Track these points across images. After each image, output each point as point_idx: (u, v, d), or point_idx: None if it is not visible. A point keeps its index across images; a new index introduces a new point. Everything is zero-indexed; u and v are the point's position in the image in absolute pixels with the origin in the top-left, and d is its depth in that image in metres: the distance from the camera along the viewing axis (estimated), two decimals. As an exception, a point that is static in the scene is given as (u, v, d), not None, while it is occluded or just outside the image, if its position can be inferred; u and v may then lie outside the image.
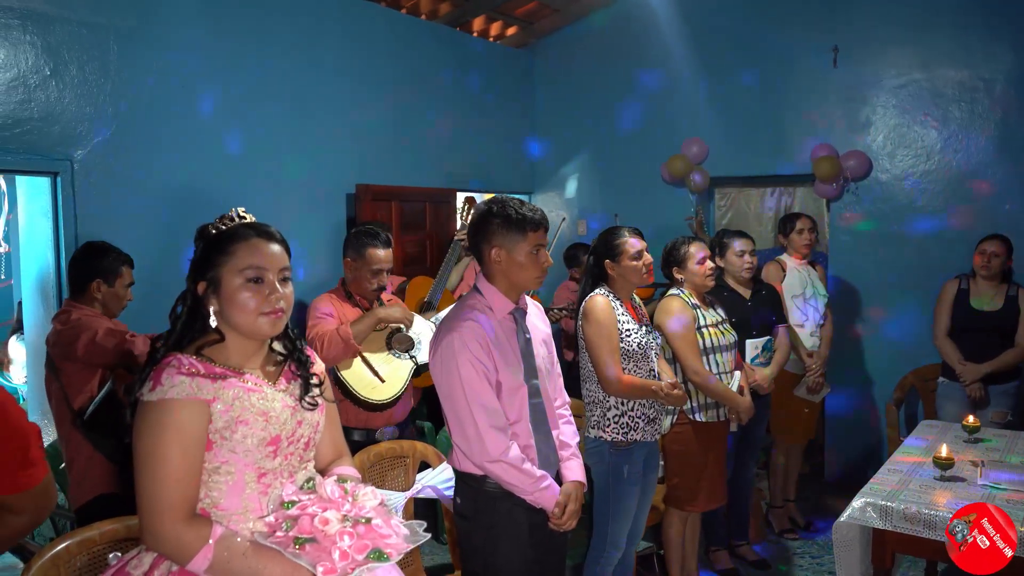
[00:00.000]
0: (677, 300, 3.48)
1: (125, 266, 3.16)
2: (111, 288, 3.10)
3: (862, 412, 5.36)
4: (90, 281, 3.08)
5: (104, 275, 3.09)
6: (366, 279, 3.40)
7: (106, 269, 3.09)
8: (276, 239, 1.71)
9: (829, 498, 5.04)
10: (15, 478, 1.68)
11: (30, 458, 1.71)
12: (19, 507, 1.75)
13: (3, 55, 3.42)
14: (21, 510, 1.76)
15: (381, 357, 3.45)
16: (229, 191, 4.15)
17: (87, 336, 2.91)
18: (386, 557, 1.55)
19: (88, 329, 2.93)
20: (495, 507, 2.37)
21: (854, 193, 5.29)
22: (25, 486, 1.71)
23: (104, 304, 3.10)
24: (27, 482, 1.71)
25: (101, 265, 3.09)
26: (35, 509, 1.79)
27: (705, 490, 3.50)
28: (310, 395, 1.73)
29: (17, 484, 1.70)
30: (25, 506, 1.76)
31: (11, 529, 1.77)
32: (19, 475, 1.69)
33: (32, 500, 1.76)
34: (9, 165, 3.50)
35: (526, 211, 2.37)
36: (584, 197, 6.44)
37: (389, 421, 3.49)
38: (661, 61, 5.91)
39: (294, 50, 4.62)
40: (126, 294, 3.17)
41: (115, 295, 3.12)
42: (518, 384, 2.38)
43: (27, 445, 1.71)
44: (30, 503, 1.76)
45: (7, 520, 1.76)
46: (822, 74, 5.33)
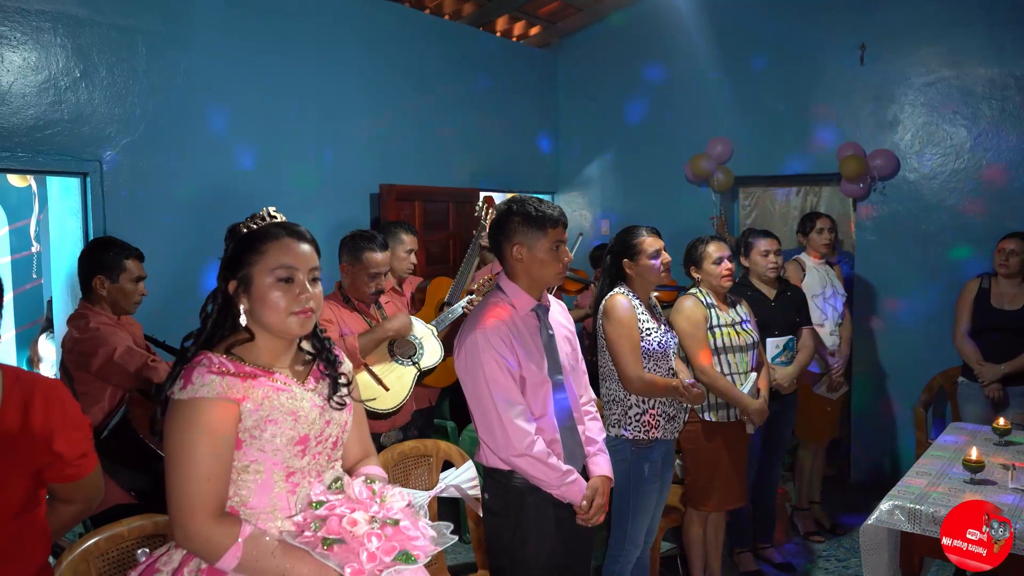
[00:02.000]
0: (690, 298, 3.48)
1: (130, 260, 2.98)
2: (115, 284, 2.94)
3: (888, 414, 5.29)
4: (92, 278, 2.93)
5: (106, 270, 2.93)
6: (364, 283, 3.35)
7: (108, 264, 2.93)
8: (307, 239, 1.72)
9: (854, 500, 4.99)
10: (68, 468, 1.73)
11: (84, 449, 1.76)
12: (70, 496, 1.81)
13: (35, 57, 3.47)
14: (72, 499, 1.82)
15: (384, 365, 3.42)
16: (254, 191, 4.19)
17: (104, 352, 2.76)
18: (413, 559, 1.56)
19: (106, 344, 2.78)
20: (522, 502, 2.39)
21: (881, 192, 5.23)
22: (76, 476, 1.76)
23: (111, 301, 2.95)
24: (78, 472, 1.76)
25: (102, 260, 2.94)
26: (85, 499, 1.85)
27: (719, 490, 3.48)
28: (338, 395, 1.74)
29: (69, 474, 1.74)
30: (75, 496, 1.82)
31: (62, 518, 1.83)
32: (72, 465, 1.73)
33: (82, 490, 1.81)
34: (40, 166, 3.54)
35: (545, 208, 2.41)
36: (607, 197, 6.42)
37: (393, 425, 3.50)
38: (685, 60, 5.88)
39: (318, 51, 4.65)
40: (135, 289, 2.98)
41: (121, 290, 2.95)
42: (542, 379, 2.40)
43: (84, 436, 1.76)
44: (80, 493, 1.82)
45: (58, 509, 1.81)
46: (849, 72, 5.27)
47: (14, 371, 1.70)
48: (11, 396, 1.65)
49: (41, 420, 1.66)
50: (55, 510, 1.81)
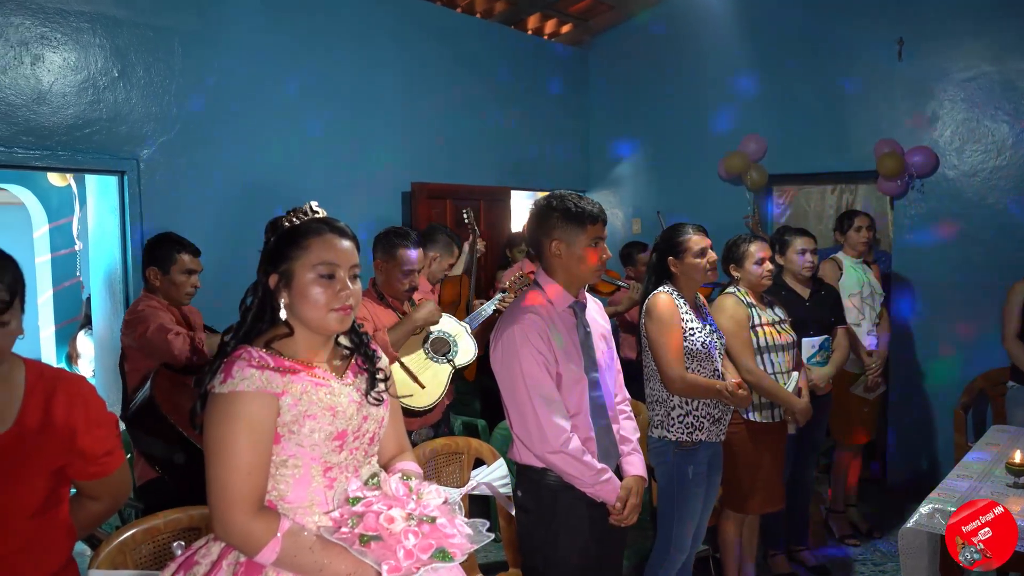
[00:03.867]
0: (731, 298, 3.43)
1: (181, 253, 3.15)
2: (167, 275, 3.12)
3: (926, 416, 5.20)
4: (146, 269, 3.14)
5: (158, 263, 3.12)
6: (397, 280, 3.37)
7: (160, 257, 3.12)
8: (348, 235, 1.72)
9: (891, 503, 4.90)
10: (92, 466, 1.73)
11: (108, 447, 1.76)
12: (97, 493, 1.81)
13: (75, 58, 3.52)
14: (99, 496, 1.82)
15: (419, 362, 3.42)
16: (288, 189, 4.23)
17: (141, 328, 2.96)
18: (450, 557, 1.55)
19: (144, 322, 2.98)
20: (556, 500, 2.37)
21: (919, 190, 5.13)
22: (101, 474, 1.76)
23: (164, 292, 3.13)
24: (104, 470, 1.76)
25: (155, 254, 3.14)
26: (112, 496, 1.85)
27: (760, 492, 3.43)
28: (376, 390, 1.74)
29: (94, 472, 1.74)
30: (102, 493, 1.82)
31: (90, 515, 1.83)
32: (96, 463, 1.74)
33: (109, 487, 1.81)
34: (79, 164, 3.60)
35: (585, 204, 2.39)
36: (639, 195, 6.38)
37: (425, 422, 3.50)
38: (718, 56, 5.82)
39: (350, 50, 4.67)
40: (186, 281, 3.15)
41: (172, 282, 3.12)
42: (578, 376, 2.38)
43: (109, 434, 1.76)
44: (107, 490, 1.82)
45: (86, 506, 1.82)
46: (886, 68, 5.18)
47: (37, 367, 1.69)
48: (33, 392, 1.64)
49: (63, 417, 1.65)
50: (82, 506, 1.81)
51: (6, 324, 1.54)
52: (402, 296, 3.44)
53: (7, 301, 1.53)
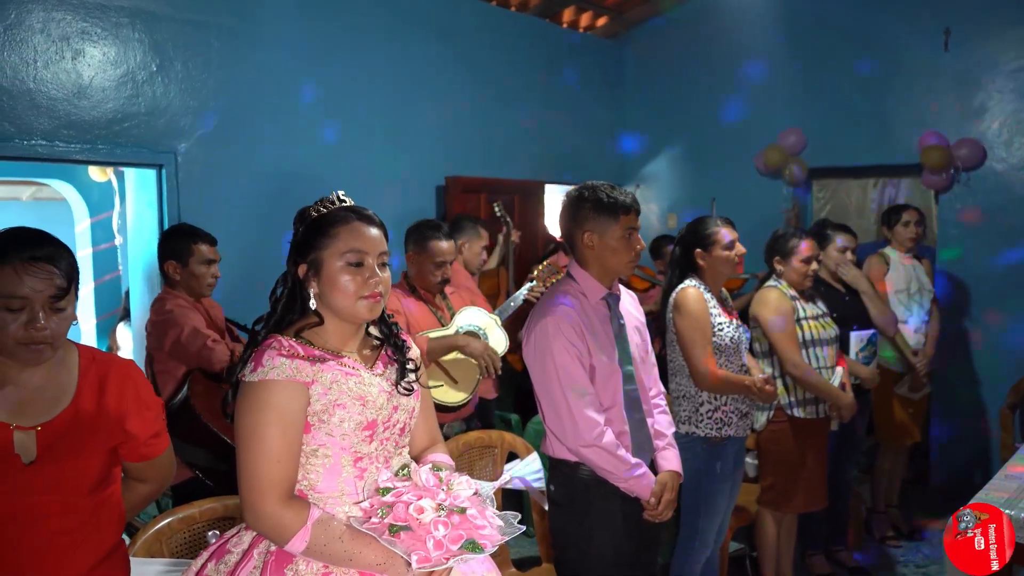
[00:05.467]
0: (775, 291, 3.36)
1: (199, 243, 3.10)
2: (186, 268, 3.06)
3: (970, 416, 5.06)
4: (164, 263, 3.09)
5: (176, 255, 3.07)
6: (430, 272, 3.34)
7: (178, 249, 3.07)
8: (376, 223, 1.71)
9: (934, 504, 4.78)
10: (142, 447, 1.79)
11: (156, 428, 1.81)
12: (145, 475, 1.87)
13: (114, 52, 3.57)
14: (146, 478, 1.88)
15: (453, 358, 3.39)
16: (323, 182, 4.21)
17: (174, 333, 2.91)
18: (480, 548, 1.53)
19: (176, 325, 2.92)
20: (589, 494, 2.35)
21: (965, 184, 4.99)
22: (150, 455, 1.82)
23: (186, 285, 3.08)
24: (152, 451, 1.82)
25: (172, 246, 3.09)
26: (159, 478, 1.91)
27: (803, 490, 3.36)
28: (406, 380, 1.72)
29: (144, 453, 1.80)
30: (149, 475, 1.87)
31: (138, 496, 1.90)
32: (146, 444, 1.79)
33: (156, 469, 1.87)
34: (118, 158, 3.65)
35: (617, 195, 2.36)
36: (675, 189, 6.31)
37: (457, 416, 3.48)
38: (757, 48, 5.72)
39: (386, 43, 4.68)
40: (208, 271, 3.10)
41: (192, 274, 3.07)
42: (612, 369, 2.35)
43: (157, 416, 1.82)
44: (155, 472, 1.88)
45: (135, 488, 1.88)
46: (932, 58, 5.04)
47: (90, 351, 1.76)
48: (87, 375, 1.71)
49: (115, 399, 1.72)
50: (130, 488, 1.86)
51: (63, 310, 1.62)
52: (434, 289, 3.42)
53: (65, 288, 1.61)
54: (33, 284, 1.55)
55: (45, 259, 1.58)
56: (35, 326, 1.56)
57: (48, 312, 1.58)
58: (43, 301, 1.57)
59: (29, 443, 1.61)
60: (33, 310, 1.56)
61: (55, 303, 1.59)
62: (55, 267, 1.59)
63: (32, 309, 1.56)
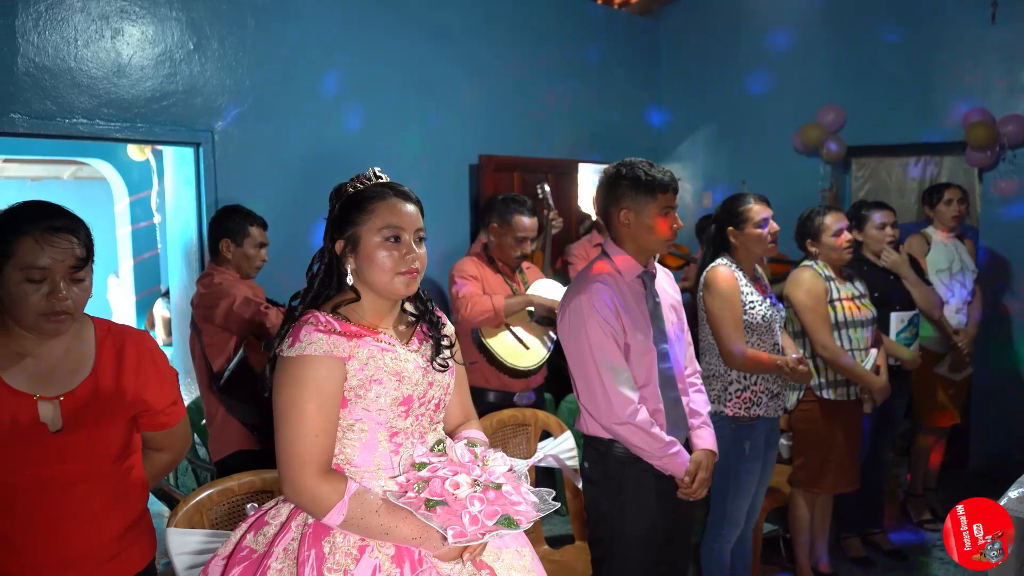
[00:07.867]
0: (808, 271, 3.32)
1: (254, 226, 3.20)
2: (240, 248, 3.16)
3: (1012, 399, 4.95)
4: (219, 241, 3.18)
5: (232, 235, 3.16)
6: (510, 246, 3.39)
7: (233, 229, 3.16)
8: (412, 199, 1.71)
9: (973, 488, 4.69)
10: (161, 416, 1.84)
11: (173, 397, 1.86)
12: (163, 445, 1.92)
13: (152, 31, 3.60)
14: (164, 447, 1.94)
15: (524, 325, 3.46)
16: (356, 159, 4.24)
17: (226, 303, 3.00)
18: (515, 524, 1.53)
19: (227, 296, 3.01)
20: (623, 472, 2.35)
21: (1011, 162, 4.86)
22: (168, 424, 1.87)
23: (236, 264, 3.18)
24: (170, 420, 1.87)
25: (228, 226, 3.17)
26: (177, 447, 1.97)
27: (833, 471, 3.33)
28: (441, 356, 1.73)
29: (162, 422, 1.85)
30: (168, 444, 1.93)
31: (157, 466, 1.95)
32: (164, 413, 1.84)
33: (174, 439, 1.93)
34: (156, 136, 3.69)
35: (655, 172, 2.34)
36: (710, 167, 6.22)
37: (528, 386, 3.50)
38: (794, 22, 5.60)
39: (418, 21, 4.66)
40: (257, 254, 3.21)
41: (244, 255, 3.17)
42: (647, 348, 2.34)
43: (173, 386, 1.86)
44: (172, 441, 1.93)
45: (153, 458, 1.93)
46: (978, 31, 4.89)
47: (105, 323, 1.80)
48: (103, 345, 1.75)
49: (133, 368, 1.76)
50: (149, 459, 1.92)
51: (82, 280, 1.65)
52: (513, 263, 3.47)
53: (84, 258, 1.64)
54: (53, 254, 1.58)
55: (64, 229, 1.60)
56: (57, 296, 1.59)
57: (68, 282, 1.61)
58: (63, 271, 1.60)
59: (54, 413, 1.65)
60: (54, 280, 1.59)
61: (75, 273, 1.61)
62: (74, 236, 1.62)
63: (53, 280, 1.59)
